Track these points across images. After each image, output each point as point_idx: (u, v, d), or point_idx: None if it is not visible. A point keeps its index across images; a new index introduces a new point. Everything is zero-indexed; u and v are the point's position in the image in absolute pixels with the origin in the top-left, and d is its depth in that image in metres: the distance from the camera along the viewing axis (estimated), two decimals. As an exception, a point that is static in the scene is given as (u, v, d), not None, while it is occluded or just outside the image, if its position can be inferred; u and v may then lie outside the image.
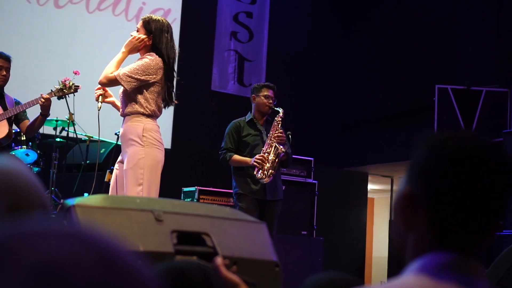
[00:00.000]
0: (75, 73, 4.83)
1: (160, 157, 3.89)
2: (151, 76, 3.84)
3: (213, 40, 8.87)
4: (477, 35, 7.56)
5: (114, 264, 0.54)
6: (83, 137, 6.54)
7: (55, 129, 6.42)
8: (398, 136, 8.26)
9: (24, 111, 4.98)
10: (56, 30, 7.75)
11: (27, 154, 5.93)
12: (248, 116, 5.28)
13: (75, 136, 6.35)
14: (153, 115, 3.91)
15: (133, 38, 3.97)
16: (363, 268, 8.95)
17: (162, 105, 4.00)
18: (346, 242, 8.50)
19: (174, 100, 4.09)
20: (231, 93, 8.96)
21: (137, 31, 4.02)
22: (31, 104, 4.78)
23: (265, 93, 5.17)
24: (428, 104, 7.18)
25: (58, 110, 6.38)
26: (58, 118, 6.33)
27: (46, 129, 6.57)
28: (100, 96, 4.08)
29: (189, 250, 1.59)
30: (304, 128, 8.55)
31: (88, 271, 0.52)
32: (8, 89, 5.00)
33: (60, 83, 4.79)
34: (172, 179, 7.10)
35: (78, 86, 4.84)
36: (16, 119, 5.00)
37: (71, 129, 6.34)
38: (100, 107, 4.09)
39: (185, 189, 6.53)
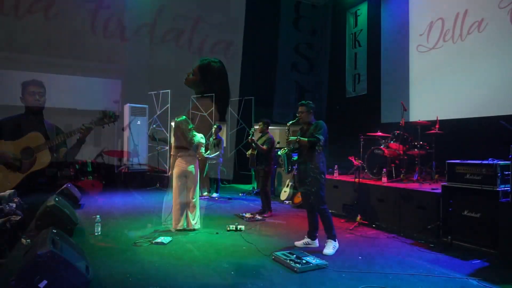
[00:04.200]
0: (115, 102, 4.84)
1: None
2: None
3: (276, 71, 8.89)
4: None
5: None
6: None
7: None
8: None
9: (64, 140, 4.99)
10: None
11: (93, 184, 6.05)
12: None
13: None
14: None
15: None
16: None
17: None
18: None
19: None
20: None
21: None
22: (72, 134, 4.82)
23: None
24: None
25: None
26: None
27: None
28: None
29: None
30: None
31: None
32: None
33: (100, 112, 4.86)
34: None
35: (118, 115, 4.90)
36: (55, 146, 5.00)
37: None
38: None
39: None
